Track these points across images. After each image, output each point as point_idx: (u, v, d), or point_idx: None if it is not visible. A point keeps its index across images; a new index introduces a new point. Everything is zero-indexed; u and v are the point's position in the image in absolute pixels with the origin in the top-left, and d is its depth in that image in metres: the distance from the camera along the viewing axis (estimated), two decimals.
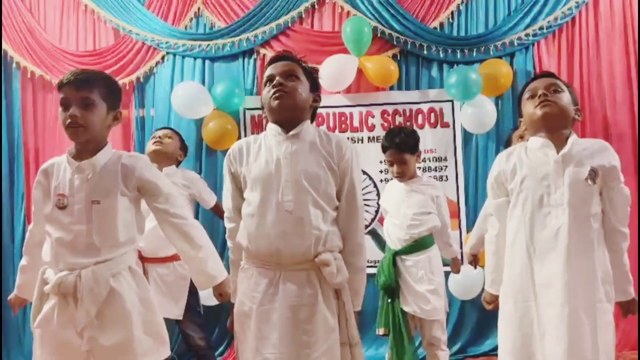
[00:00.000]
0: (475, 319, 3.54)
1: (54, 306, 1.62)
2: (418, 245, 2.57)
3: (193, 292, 2.67)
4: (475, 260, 2.89)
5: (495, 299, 1.83)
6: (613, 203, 1.70)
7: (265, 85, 1.66)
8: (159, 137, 2.77)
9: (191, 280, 2.65)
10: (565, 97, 1.72)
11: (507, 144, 2.88)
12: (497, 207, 1.82)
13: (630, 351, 3.46)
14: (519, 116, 1.88)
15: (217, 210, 2.95)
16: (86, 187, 1.64)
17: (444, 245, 2.72)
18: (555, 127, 1.71)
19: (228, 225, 1.75)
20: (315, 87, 1.72)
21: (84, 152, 1.68)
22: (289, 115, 1.64)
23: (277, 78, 1.62)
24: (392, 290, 2.57)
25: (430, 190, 2.65)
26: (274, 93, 1.61)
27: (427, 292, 2.51)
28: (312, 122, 1.73)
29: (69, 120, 1.61)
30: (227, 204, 1.73)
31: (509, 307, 1.70)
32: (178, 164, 2.90)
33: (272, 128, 1.67)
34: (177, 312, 2.58)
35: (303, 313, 1.54)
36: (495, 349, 3.38)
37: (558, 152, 1.68)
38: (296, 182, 1.57)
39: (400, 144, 2.59)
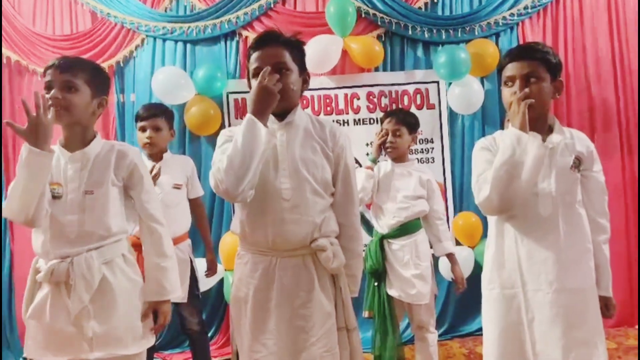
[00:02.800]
0: (463, 299, 3.56)
1: (47, 295, 1.62)
2: (405, 229, 2.56)
3: (193, 276, 2.65)
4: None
5: None
6: (589, 191, 1.71)
7: (253, 76, 1.58)
8: (149, 137, 2.58)
9: (192, 265, 2.64)
10: (543, 86, 1.64)
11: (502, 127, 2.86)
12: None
13: (630, 327, 3.55)
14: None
15: (197, 206, 2.81)
16: (79, 178, 1.66)
17: (434, 239, 2.65)
18: (535, 119, 1.67)
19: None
20: (303, 67, 1.65)
21: (74, 141, 1.69)
22: (283, 109, 1.60)
23: None
24: (379, 274, 2.57)
25: (421, 175, 2.63)
26: None
27: (412, 277, 2.50)
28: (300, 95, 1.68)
29: (50, 102, 1.60)
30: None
31: (495, 293, 1.69)
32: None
33: None
34: (181, 295, 2.55)
35: (300, 298, 1.54)
36: (481, 329, 3.44)
37: (543, 140, 1.65)
38: (294, 170, 1.56)
39: (400, 115, 2.65)
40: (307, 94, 3.65)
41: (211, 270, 2.89)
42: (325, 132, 1.64)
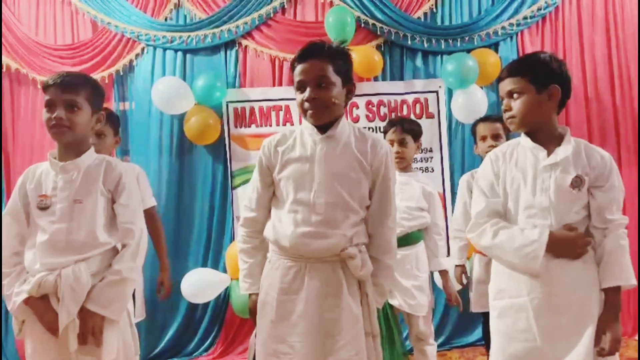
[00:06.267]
0: (462, 310, 3.54)
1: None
2: (408, 239, 2.53)
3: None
4: (464, 272, 2.76)
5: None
6: (596, 207, 1.63)
7: (297, 89, 1.62)
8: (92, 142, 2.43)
9: None
10: (524, 102, 1.64)
11: (474, 136, 2.79)
12: (496, 206, 1.74)
13: (630, 338, 3.55)
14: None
15: (148, 216, 2.31)
16: (70, 187, 1.68)
17: (430, 253, 2.61)
18: (532, 132, 1.68)
19: (247, 214, 1.73)
20: (347, 79, 1.64)
21: (68, 154, 1.71)
22: (326, 122, 1.62)
23: (308, 89, 1.57)
24: None
25: (424, 186, 2.62)
26: (309, 108, 1.58)
27: (413, 287, 2.49)
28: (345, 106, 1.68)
29: (54, 122, 1.64)
30: (251, 194, 1.73)
31: (504, 302, 1.69)
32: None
33: (308, 126, 1.65)
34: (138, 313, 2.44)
35: (328, 302, 1.56)
36: (481, 339, 3.42)
37: (550, 152, 1.65)
38: (329, 184, 1.58)
39: (404, 124, 2.63)
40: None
41: (163, 291, 2.68)
42: (367, 145, 1.64)
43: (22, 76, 3.68)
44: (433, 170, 3.65)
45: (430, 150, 3.65)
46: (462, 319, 3.58)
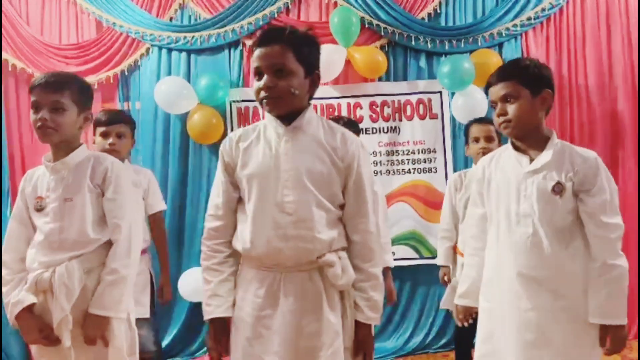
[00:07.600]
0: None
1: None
2: None
3: (152, 291, 2.55)
4: (447, 273, 2.77)
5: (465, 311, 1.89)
6: (585, 215, 1.60)
7: (254, 75, 1.47)
8: (112, 143, 2.43)
9: (151, 279, 2.55)
10: (521, 105, 1.62)
11: (466, 137, 2.76)
12: (481, 218, 1.81)
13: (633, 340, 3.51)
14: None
15: (155, 222, 2.63)
16: (61, 186, 1.69)
17: None
18: (523, 136, 1.68)
19: (213, 223, 1.54)
20: (311, 69, 1.47)
21: (59, 154, 1.72)
22: (284, 113, 1.47)
23: (265, 76, 1.42)
24: None
25: None
26: (264, 98, 1.43)
27: None
28: (310, 99, 1.54)
29: (39, 124, 1.65)
30: (216, 199, 1.54)
31: (483, 304, 1.75)
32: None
33: (271, 119, 1.50)
34: (142, 310, 2.37)
35: (306, 317, 1.43)
36: None
37: (533, 158, 1.65)
38: (298, 181, 1.43)
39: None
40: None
41: (163, 297, 2.66)
42: (336, 139, 1.49)
43: (29, 76, 3.70)
44: (436, 171, 3.65)
45: (434, 151, 3.65)
46: None
